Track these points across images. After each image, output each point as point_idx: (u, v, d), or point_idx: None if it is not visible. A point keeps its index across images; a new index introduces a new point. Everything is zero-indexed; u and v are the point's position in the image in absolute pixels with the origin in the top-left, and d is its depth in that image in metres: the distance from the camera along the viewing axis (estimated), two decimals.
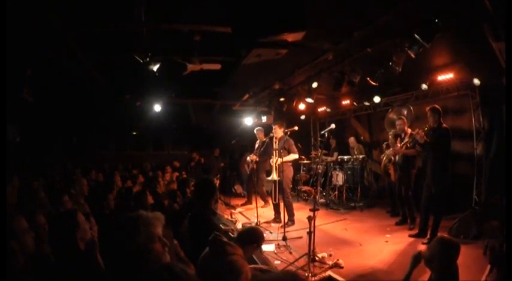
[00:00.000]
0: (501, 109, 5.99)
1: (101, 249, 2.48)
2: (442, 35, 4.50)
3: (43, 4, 4.22)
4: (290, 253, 5.21)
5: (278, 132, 6.84)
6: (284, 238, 5.64)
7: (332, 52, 6.03)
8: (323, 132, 7.09)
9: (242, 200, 9.85)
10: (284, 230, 5.79)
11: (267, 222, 7.11)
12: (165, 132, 14.18)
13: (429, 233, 5.44)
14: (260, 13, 4.37)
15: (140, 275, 1.65)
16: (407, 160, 6.45)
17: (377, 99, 8.52)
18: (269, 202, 8.43)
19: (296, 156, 6.96)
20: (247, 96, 10.01)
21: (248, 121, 11.27)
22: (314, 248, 4.62)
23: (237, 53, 5.62)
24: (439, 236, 3.03)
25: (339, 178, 9.09)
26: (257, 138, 8.45)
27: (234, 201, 9.69)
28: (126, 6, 4.53)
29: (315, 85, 7.64)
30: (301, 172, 10.39)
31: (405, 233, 6.01)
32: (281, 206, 6.77)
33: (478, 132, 6.83)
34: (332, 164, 9.69)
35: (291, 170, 7.08)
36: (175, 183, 7.03)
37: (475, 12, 4.02)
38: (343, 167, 9.33)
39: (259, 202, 7.49)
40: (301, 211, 7.34)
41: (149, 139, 14.88)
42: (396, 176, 6.97)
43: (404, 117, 6.95)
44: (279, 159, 6.68)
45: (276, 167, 6.68)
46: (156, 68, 5.89)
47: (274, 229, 6.44)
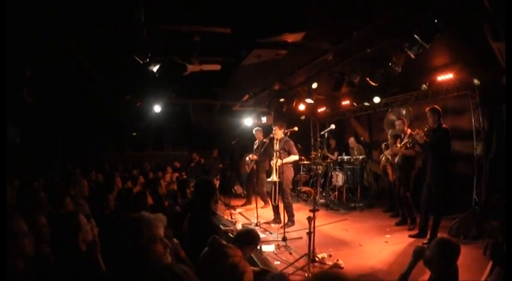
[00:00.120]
0: (501, 109, 6.00)
1: (101, 250, 2.48)
2: (442, 35, 4.51)
3: (43, 4, 4.22)
4: (290, 254, 5.20)
5: (278, 133, 6.83)
6: (284, 239, 5.64)
7: (332, 52, 6.04)
8: (323, 132, 7.10)
9: (242, 200, 9.85)
10: (284, 230, 5.79)
11: (267, 222, 7.10)
12: (165, 132, 14.19)
13: (429, 233, 5.45)
14: (260, 14, 4.38)
15: (141, 276, 1.65)
16: (406, 161, 6.45)
17: (377, 99, 8.52)
18: (269, 203, 8.43)
19: (296, 157, 6.96)
20: (247, 96, 10.02)
21: (248, 122, 11.27)
22: (314, 248, 4.62)
23: (237, 54, 5.63)
24: (439, 237, 3.04)
25: (339, 179, 9.09)
26: (256, 138, 8.49)
27: (234, 202, 9.68)
28: (125, 6, 4.53)
29: (315, 86, 7.65)
30: (301, 173, 10.39)
31: (405, 233, 6.01)
32: (281, 207, 6.77)
33: (478, 132, 6.84)
34: (332, 164, 9.69)
35: (292, 171, 7.07)
36: (175, 184, 7.03)
37: (475, 12, 4.02)
38: (343, 167, 9.33)
39: (259, 203, 7.49)
40: (301, 212, 7.34)
41: (149, 140, 14.88)
42: (395, 176, 6.98)
43: (404, 117, 6.96)
44: (279, 160, 6.67)
45: (276, 168, 6.68)
46: (156, 69, 5.89)
47: (274, 230, 6.44)
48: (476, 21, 4.17)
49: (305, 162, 10.26)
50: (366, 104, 9.39)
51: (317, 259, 4.76)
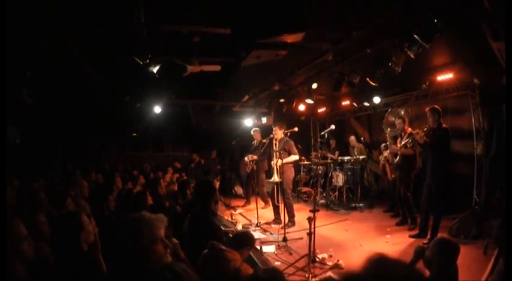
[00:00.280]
0: (501, 109, 6.00)
1: (102, 250, 2.48)
2: (442, 35, 4.51)
3: (43, 4, 4.22)
4: (290, 254, 5.20)
5: (278, 133, 6.83)
6: (284, 239, 5.64)
7: (331, 53, 6.04)
8: (323, 133, 7.10)
9: (242, 201, 9.84)
10: (284, 231, 5.79)
11: (267, 223, 7.10)
12: (165, 133, 14.18)
13: (429, 233, 5.44)
14: (259, 14, 4.38)
15: (142, 276, 1.65)
16: (406, 161, 6.44)
17: (377, 99, 8.51)
18: (269, 203, 8.44)
19: (296, 157, 6.95)
20: (247, 97, 10.02)
21: (248, 122, 11.27)
22: (314, 249, 4.61)
23: (237, 55, 5.63)
24: (439, 236, 3.04)
25: (339, 179, 9.08)
26: (254, 139, 8.62)
27: (234, 202, 9.68)
28: (125, 7, 4.54)
29: (315, 86, 7.65)
30: (301, 173, 10.38)
31: (405, 233, 6.01)
32: (281, 207, 6.76)
33: (478, 132, 6.84)
34: (332, 164, 9.68)
35: (292, 171, 7.07)
36: (175, 184, 7.03)
37: (475, 12, 4.03)
38: (343, 167, 9.33)
39: (259, 203, 7.49)
40: (301, 212, 7.33)
41: (149, 140, 14.89)
42: (393, 175, 6.98)
43: (404, 116, 6.92)
44: (279, 160, 6.67)
45: (277, 168, 6.68)
46: (156, 70, 5.89)
47: (274, 230, 6.44)
48: (476, 21, 4.17)
49: (305, 162, 10.26)
50: (366, 104, 9.39)
51: (317, 260, 4.75)
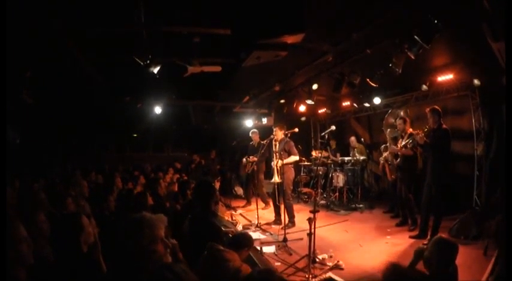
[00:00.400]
0: (501, 109, 6.00)
1: (102, 250, 2.48)
2: (442, 36, 4.51)
3: (43, 4, 4.22)
4: (290, 255, 5.20)
5: (278, 134, 6.84)
6: (284, 240, 5.64)
7: (332, 53, 6.04)
8: (323, 133, 7.09)
9: (243, 201, 9.83)
10: (284, 231, 5.79)
11: (268, 224, 7.10)
12: (166, 134, 14.20)
13: (429, 234, 5.44)
14: (260, 15, 4.39)
15: (142, 275, 1.65)
16: (407, 161, 6.43)
17: (377, 100, 8.52)
18: (269, 204, 8.44)
19: (297, 158, 6.95)
20: (247, 98, 10.03)
21: (248, 123, 11.28)
22: (314, 249, 4.61)
23: (237, 55, 5.64)
24: (437, 236, 3.03)
25: (339, 180, 9.07)
26: (252, 140, 8.78)
27: (235, 203, 9.68)
28: (126, 8, 4.54)
29: (315, 87, 7.65)
30: (301, 174, 10.38)
31: (405, 234, 6.00)
32: (281, 208, 6.76)
33: (478, 132, 6.83)
34: (332, 165, 9.68)
35: (292, 172, 7.07)
36: (175, 184, 7.03)
37: (475, 12, 4.03)
38: (343, 168, 9.32)
39: (259, 204, 7.49)
40: (301, 213, 7.33)
41: (149, 141, 14.88)
42: (393, 175, 6.97)
43: (405, 117, 6.90)
44: (280, 161, 6.67)
45: (278, 169, 6.68)
46: (157, 70, 5.90)
47: (274, 231, 6.44)
48: (476, 21, 4.17)
49: (305, 163, 10.25)
50: (366, 105, 9.39)
51: (317, 260, 4.75)
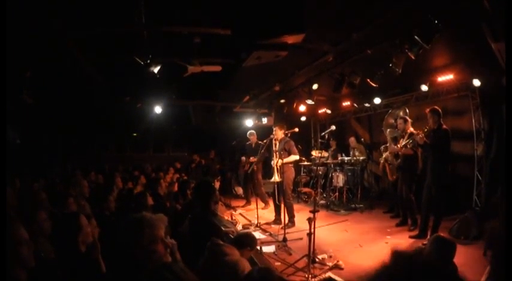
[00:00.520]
0: (501, 109, 5.99)
1: (102, 250, 2.48)
2: (442, 36, 4.51)
3: (43, 4, 4.23)
4: (290, 254, 5.20)
5: (278, 134, 6.84)
6: (284, 239, 5.64)
7: (332, 54, 6.04)
8: (323, 133, 7.09)
9: (242, 201, 9.84)
10: (284, 231, 5.79)
11: (268, 223, 7.10)
12: (166, 134, 14.20)
13: (429, 234, 5.44)
14: (260, 15, 4.39)
15: (142, 275, 1.65)
16: (408, 162, 6.41)
17: (377, 100, 8.53)
18: (269, 203, 8.45)
19: (297, 157, 6.96)
20: (247, 98, 10.03)
21: (248, 123, 11.29)
22: (314, 249, 4.60)
23: (237, 55, 5.64)
24: (435, 235, 3.03)
25: (339, 179, 9.07)
26: (249, 141, 8.93)
27: (235, 202, 9.68)
28: (126, 8, 4.54)
29: (315, 87, 7.65)
30: (301, 174, 10.38)
31: (405, 234, 6.00)
32: (281, 207, 6.76)
33: (478, 133, 6.83)
34: (332, 165, 9.68)
35: (292, 171, 7.07)
36: (175, 184, 7.03)
37: (475, 12, 4.03)
38: (343, 168, 9.31)
39: (259, 204, 7.49)
40: (301, 213, 7.33)
41: (149, 141, 14.88)
42: (394, 176, 6.96)
43: (406, 117, 6.87)
44: (279, 160, 6.68)
45: (278, 168, 6.68)
46: (157, 70, 5.90)
47: (274, 230, 6.44)
48: (476, 21, 4.18)
49: (305, 163, 10.25)
50: (367, 105, 9.39)
51: (317, 260, 4.75)
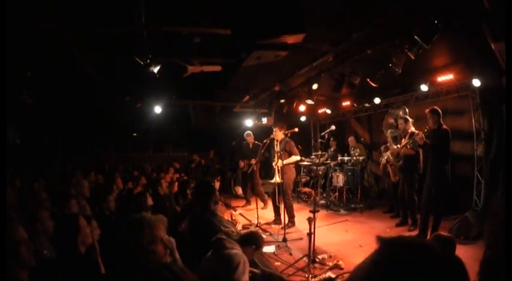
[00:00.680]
0: (501, 109, 5.99)
1: (101, 250, 2.48)
2: (442, 36, 4.51)
3: (43, 5, 4.23)
4: (290, 254, 5.20)
5: (278, 134, 6.83)
6: (284, 239, 5.64)
7: (332, 54, 6.04)
8: (323, 133, 7.09)
9: (242, 201, 9.84)
10: (284, 231, 5.79)
11: (268, 223, 7.10)
12: (166, 134, 14.21)
13: (429, 234, 5.43)
14: (260, 15, 4.38)
15: (141, 276, 1.65)
16: (409, 162, 6.40)
17: (377, 100, 8.53)
18: (268, 204, 8.48)
19: (298, 157, 6.96)
20: (247, 98, 10.03)
21: (248, 123, 11.29)
22: (314, 249, 4.61)
23: (237, 55, 5.64)
24: (435, 233, 3.04)
25: (339, 179, 9.06)
26: (248, 142, 9.05)
27: (235, 202, 9.68)
28: (126, 8, 4.54)
29: (315, 87, 7.65)
30: (301, 174, 10.37)
31: (405, 234, 5.98)
32: (281, 207, 6.76)
33: (478, 133, 6.82)
34: (332, 165, 9.67)
35: (293, 171, 7.08)
36: (175, 184, 7.03)
37: (475, 12, 4.03)
38: (343, 168, 9.30)
39: (259, 204, 7.50)
40: (301, 212, 7.33)
41: (149, 141, 14.89)
42: (397, 177, 6.95)
43: (407, 116, 6.86)
44: (280, 161, 6.67)
45: (279, 169, 6.68)
46: (157, 70, 5.90)
47: (274, 230, 6.44)
48: (476, 21, 4.17)
49: (305, 163, 10.25)
50: (366, 105, 9.39)
51: (317, 260, 4.76)
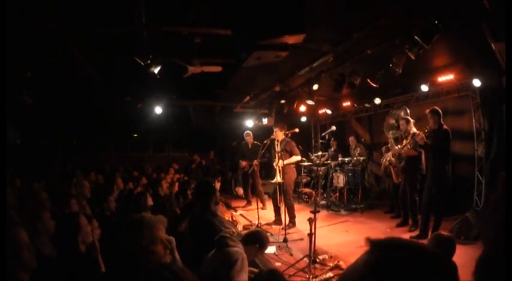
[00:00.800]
0: (501, 109, 5.99)
1: (101, 250, 2.48)
2: (442, 36, 4.51)
3: (43, 5, 4.23)
4: (291, 255, 5.19)
5: (279, 135, 6.82)
6: (285, 240, 5.63)
7: (332, 54, 6.04)
8: (324, 134, 7.09)
9: (243, 202, 9.83)
10: (285, 232, 5.79)
11: (268, 224, 7.09)
12: (166, 134, 14.21)
13: (430, 234, 5.43)
14: (260, 16, 4.39)
15: (141, 276, 1.65)
16: (411, 163, 6.37)
17: (377, 100, 8.53)
18: (266, 204, 8.49)
19: (298, 158, 6.96)
20: (247, 98, 10.03)
21: (249, 123, 11.29)
22: (315, 250, 4.60)
23: (238, 56, 5.64)
24: (435, 233, 3.04)
25: (340, 180, 9.06)
26: (247, 142, 9.09)
27: (235, 203, 9.67)
28: (126, 8, 4.54)
29: (316, 87, 7.64)
30: (301, 174, 10.37)
31: (406, 234, 5.97)
32: (282, 208, 6.76)
33: (479, 133, 6.82)
34: (333, 166, 9.66)
35: (294, 172, 7.07)
36: (176, 185, 7.03)
37: (475, 12, 4.03)
38: (343, 168, 9.30)
39: (259, 204, 7.49)
40: (302, 213, 7.31)
41: (150, 141, 14.89)
42: (399, 178, 6.91)
43: (408, 117, 6.85)
44: (281, 161, 6.67)
45: (279, 169, 6.68)
46: (157, 70, 5.90)
47: (275, 231, 6.43)
48: (476, 21, 4.17)
49: (306, 163, 10.24)
50: (367, 105, 9.38)
51: (318, 260, 4.75)
